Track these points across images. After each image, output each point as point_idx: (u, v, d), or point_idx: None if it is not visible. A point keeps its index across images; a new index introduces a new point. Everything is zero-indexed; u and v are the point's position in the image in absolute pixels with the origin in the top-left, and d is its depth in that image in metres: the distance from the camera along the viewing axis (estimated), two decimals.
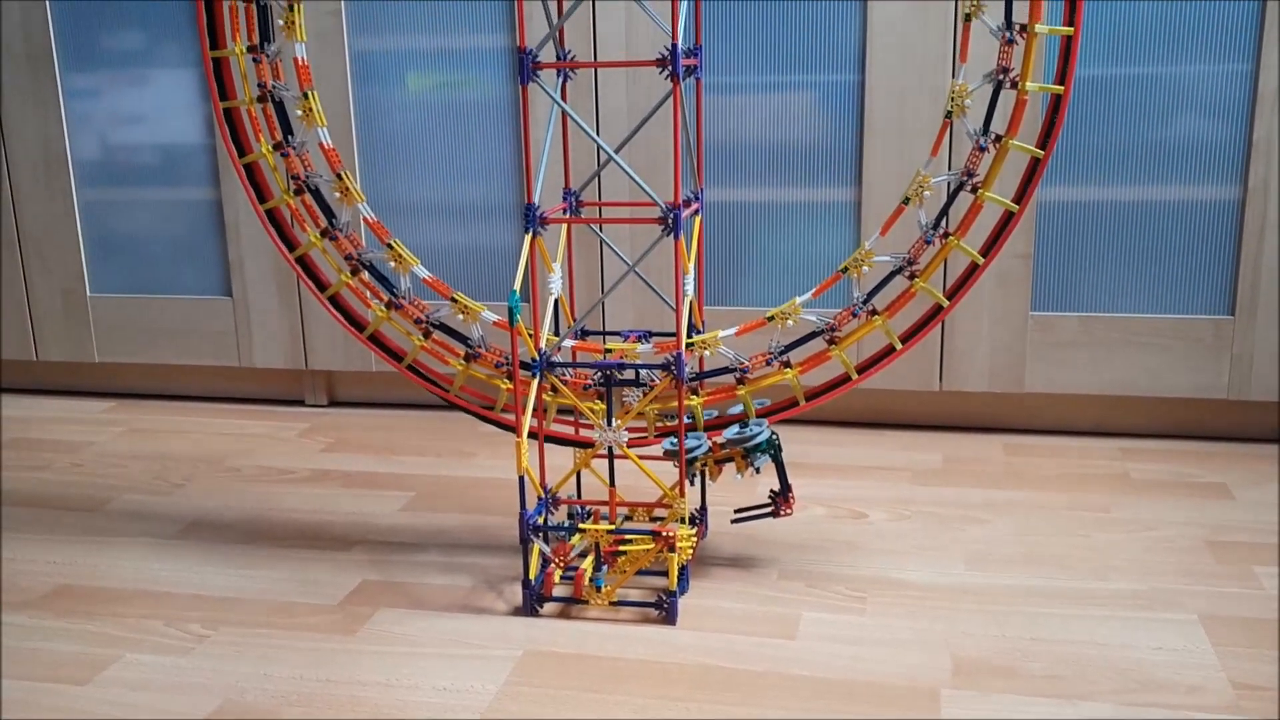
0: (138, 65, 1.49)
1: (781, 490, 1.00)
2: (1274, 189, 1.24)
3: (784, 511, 1.00)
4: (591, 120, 1.36)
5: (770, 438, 0.97)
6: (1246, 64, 1.23)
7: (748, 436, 0.97)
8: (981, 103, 0.93)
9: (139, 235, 1.54)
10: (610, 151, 0.93)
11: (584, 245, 1.39)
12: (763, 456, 0.97)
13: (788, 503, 1.00)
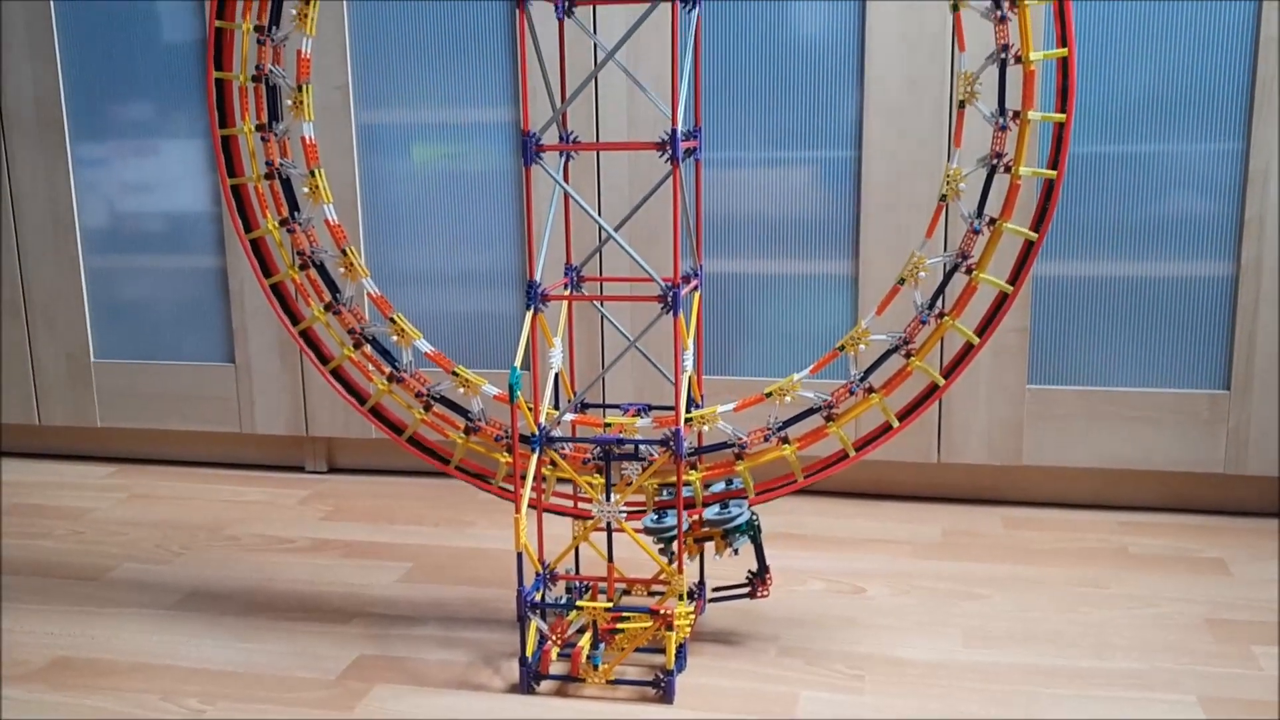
0: (147, 135, 1.51)
1: (759, 572, 1.01)
2: (1267, 266, 1.26)
3: (760, 593, 1.01)
4: (593, 195, 1.38)
5: (750, 519, 0.98)
6: (1237, 143, 1.25)
7: (727, 518, 0.98)
8: (976, 185, 0.95)
9: (144, 301, 1.56)
10: (610, 231, 0.94)
11: (584, 318, 1.40)
12: (741, 538, 0.98)
13: (764, 584, 1.01)
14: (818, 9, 1.31)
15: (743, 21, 1.33)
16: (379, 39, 1.42)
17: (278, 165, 1.04)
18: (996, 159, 0.93)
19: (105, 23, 1.49)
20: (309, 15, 1.00)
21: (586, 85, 0.97)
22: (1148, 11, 1.24)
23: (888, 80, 1.30)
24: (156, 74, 1.48)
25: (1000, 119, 0.92)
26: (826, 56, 1.32)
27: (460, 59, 1.41)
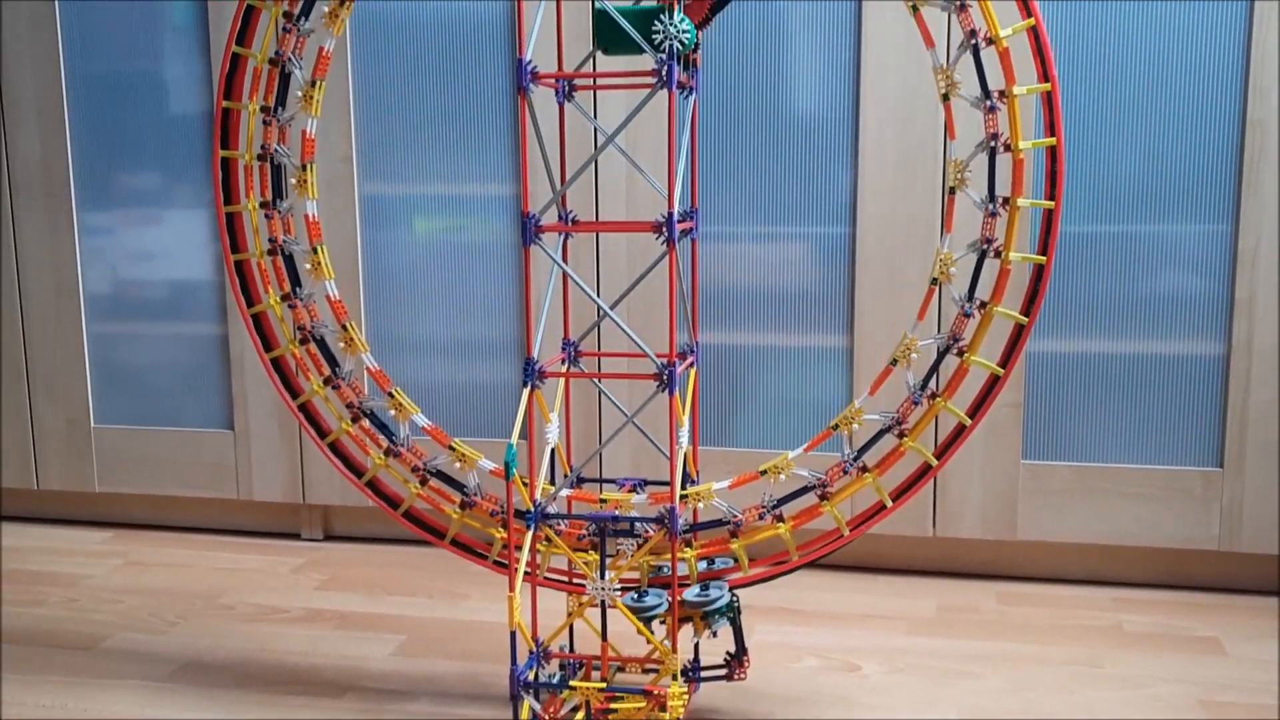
0: (152, 204, 1.53)
1: (737, 653, 1.01)
2: (1258, 345, 1.27)
3: (738, 675, 1.02)
4: (592, 269, 1.40)
5: (730, 602, 0.99)
6: (1226, 224, 1.27)
7: (708, 600, 0.98)
8: (967, 269, 0.96)
9: (145, 367, 1.57)
10: (607, 310, 0.96)
11: (582, 389, 1.41)
12: (721, 620, 0.99)
13: (742, 666, 1.02)
14: (812, 88, 1.34)
15: (739, 98, 1.36)
16: (384, 113, 1.45)
17: (281, 242, 1.06)
18: (987, 244, 0.95)
19: (114, 93, 1.51)
20: (314, 97, 1.02)
21: (587, 168, 0.99)
22: (1135, 95, 1.27)
23: (881, 158, 1.32)
24: (163, 145, 1.51)
25: (990, 205, 0.94)
26: (821, 134, 1.35)
27: (463, 134, 1.43)
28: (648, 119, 1.35)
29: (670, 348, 0.93)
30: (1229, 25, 1.24)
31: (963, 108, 0.93)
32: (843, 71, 1.33)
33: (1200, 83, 1.25)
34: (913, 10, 0.94)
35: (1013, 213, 0.93)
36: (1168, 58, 1.26)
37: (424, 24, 1.42)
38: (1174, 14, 1.25)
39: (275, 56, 1.03)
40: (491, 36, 1.41)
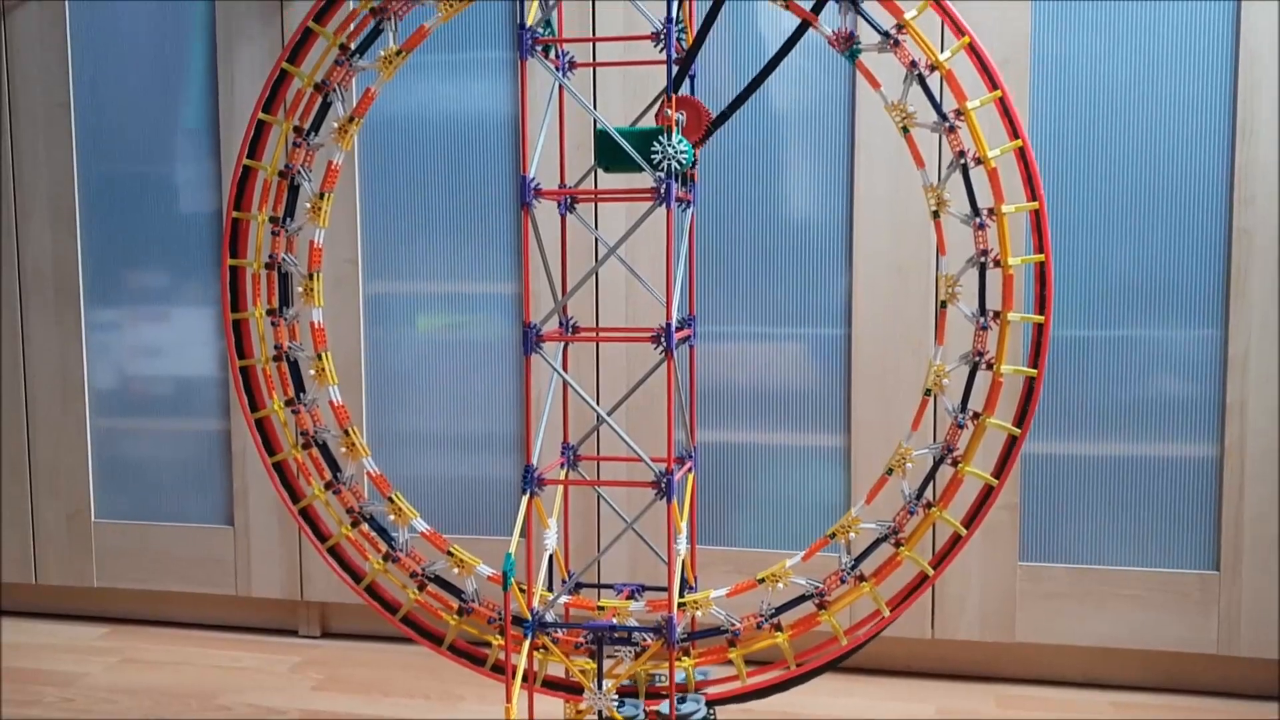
0: (159, 302, 1.56)
1: None
2: (1250, 450, 1.28)
3: None
4: (592, 371, 1.42)
5: (705, 716, 0.99)
6: (1216, 329, 1.29)
7: (684, 716, 0.98)
8: (960, 379, 0.98)
9: (147, 462, 1.58)
10: (605, 416, 0.97)
11: (581, 491, 1.42)
12: None
13: None
14: (807, 193, 1.37)
15: (736, 201, 1.39)
16: (389, 214, 1.48)
17: (286, 348, 1.08)
18: (979, 356, 0.97)
19: (126, 193, 1.55)
20: (323, 209, 1.05)
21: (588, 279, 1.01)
22: (1124, 202, 1.30)
23: (875, 262, 1.35)
24: (172, 243, 1.54)
25: (981, 319, 0.96)
26: (816, 238, 1.38)
27: (466, 234, 1.46)
28: (647, 228, 1.37)
29: (668, 455, 0.95)
30: (1214, 135, 1.27)
31: (953, 223, 0.96)
32: (837, 178, 1.36)
33: (1188, 190, 1.29)
34: (903, 131, 0.97)
35: (1003, 327, 0.95)
36: (1155, 166, 1.29)
37: (429, 127, 1.46)
38: (1160, 123, 1.28)
39: (285, 169, 1.06)
40: (496, 139, 1.44)
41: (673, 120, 0.95)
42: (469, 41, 1.44)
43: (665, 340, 0.94)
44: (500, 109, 1.44)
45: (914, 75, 0.95)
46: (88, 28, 1.54)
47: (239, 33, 1.48)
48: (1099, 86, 1.29)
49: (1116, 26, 1.28)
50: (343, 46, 1.04)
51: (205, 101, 1.51)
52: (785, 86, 1.36)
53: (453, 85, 1.46)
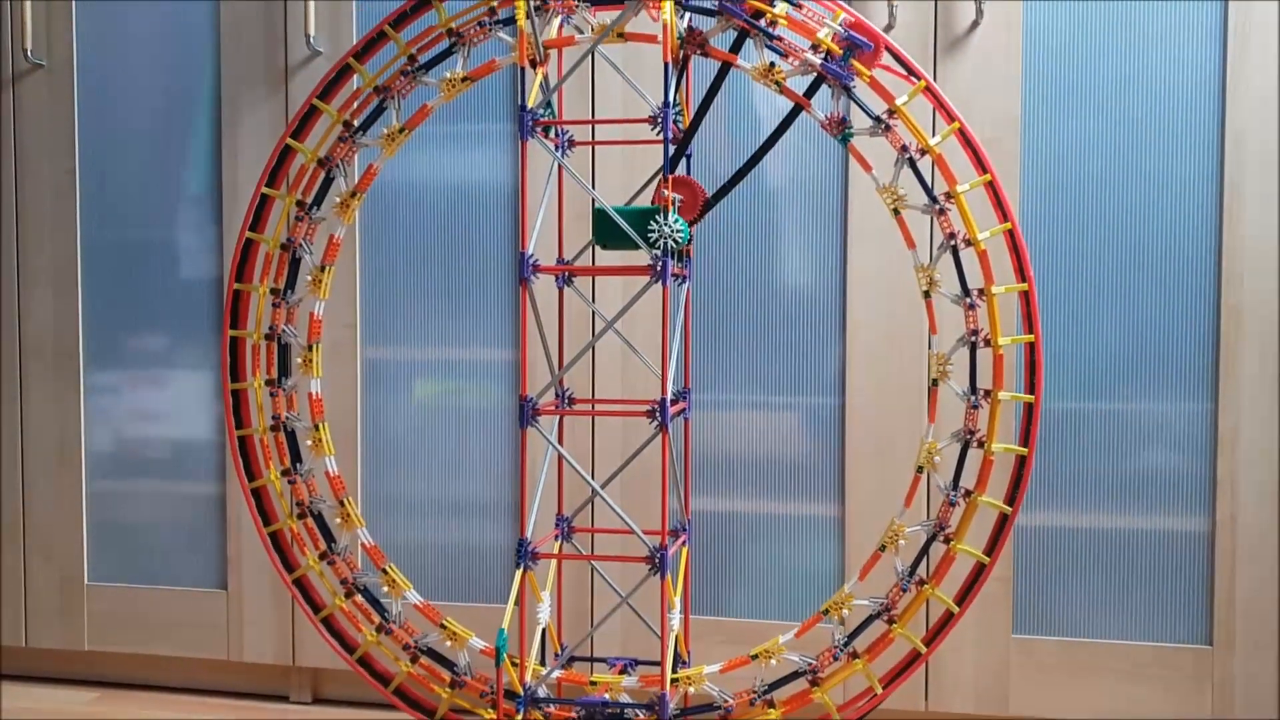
0: (158, 365, 1.57)
1: None
2: (1242, 523, 1.29)
3: None
4: (587, 441, 1.42)
5: None
6: (1206, 403, 1.30)
7: None
8: (952, 456, 0.99)
9: (142, 526, 1.58)
10: (599, 490, 0.98)
11: (575, 563, 1.42)
12: None
13: None
14: (801, 265, 1.39)
15: (732, 271, 1.40)
16: (388, 281, 1.49)
17: (284, 419, 1.09)
18: (970, 435, 0.98)
19: (127, 259, 1.56)
20: (324, 282, 1.07)
21: (585, 353, 1.02)
22: (1113, 277, 1.31)
23: (869, 332, 1.36)
24: (172, 308, 1.55)
25: (972, 398, 0.98)
26: (811, 308, 1.39)
27: (464, 301, 1.48)
28: (643, 300, 1.39)
29: (663, 529, 0.95)
30: (1201, 213, 1.29)
31: (944, 303, 0.98)
32: (830, 251, 1.38)
33: (1177, 266, 1.30)
34: (894, 213, 0.98)
35: (994, 406, 0.96)
36: (1144, 242, 1.31)
37: (430, 195, 1.48)
38: (1148, 200, 1.30)
39: (287, 242, 1.07)
40: (495, 208, 1.46)
41: (669, 200, 0.97)
42: (469, 113, 1.46)
43: (660, 415, 0.96)
44: (500, 179, 1.46)
45: (905, 159, 0.97)
46: (96, 96, 1.56)
47: (244, 102, 1.50)
48: (1089, 164, 1.31)
49: (1105, 106, 1.31)
50: (346, 123, 1.06)
51: (209, 168, 1.53)
52: (780, 162, 1.38)
53: (453, 155, 1.48)
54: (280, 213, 1.09)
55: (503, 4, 1.02)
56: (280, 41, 1.48)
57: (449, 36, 1.03)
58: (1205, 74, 1.28)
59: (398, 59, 1.04)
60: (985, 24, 1.29)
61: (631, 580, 1.38)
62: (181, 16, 1.51)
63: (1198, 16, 1.28)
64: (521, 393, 0.98)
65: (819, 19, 0.96)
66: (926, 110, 1.21)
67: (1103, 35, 1.29)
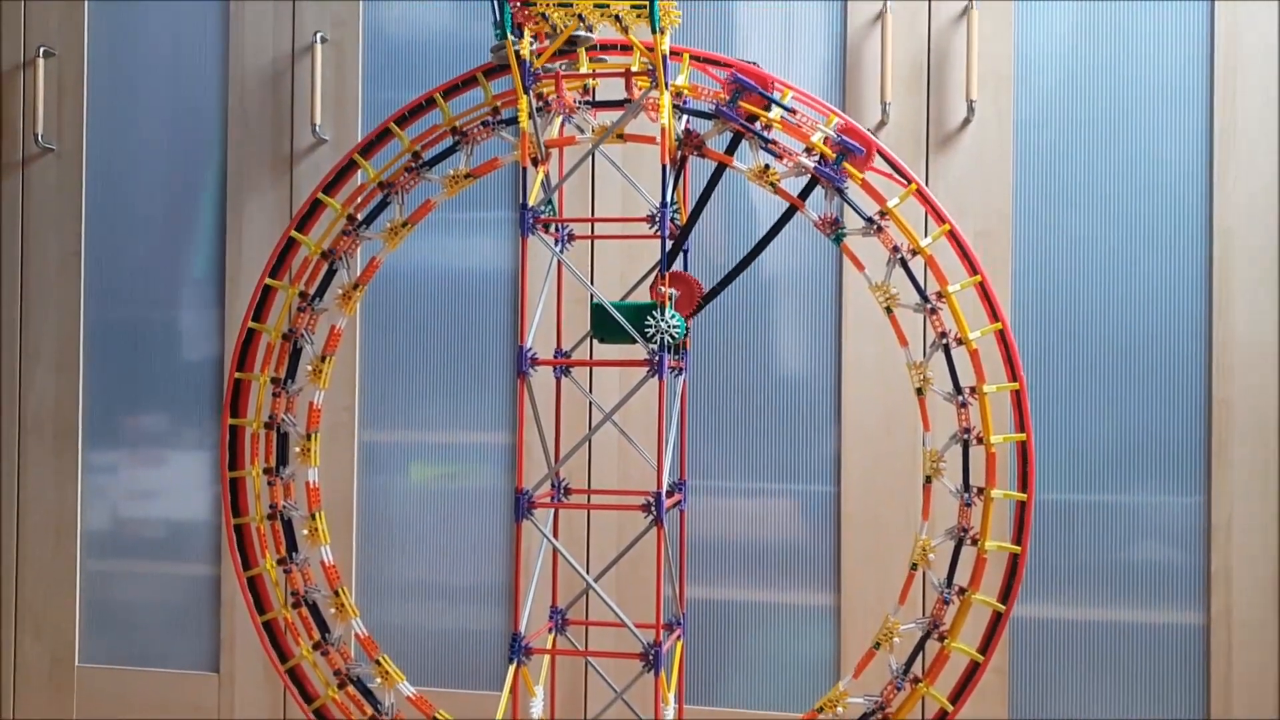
0: (157, 445, 1.57)
1: None
2: (1237, 618, 1.29)
3: None
4: (583, 529, 1.42)
5: None
6: (1198, 496, 1.31)
7: None
8: (946, 554, 0.99)
9: (135, 606, 1.57)
10: (592, 584, 0.98)
11: (569, 657, 1.42)
12: None
13: None
14: (796, 352, 1.40)
15: (728, 358, 1.42)
16: (387, 364, 1.51)
17: (281, 507, 1.09)
18: (963, 531, 0.98)
19: (130, 339, 1.58)
20: (324, 372, 1.08)
21: (581, 445, 1.03)
22: (1105, 370, 1.33)
23: (863, 420, 1.37)
24: (172, 388, 1.56)
25: (965, 495, 0.98)
26: (805, 396, 1.40)
27: (462, 385, 1.49)
28: (640, 390, 1.40)
29: (657, 623, 0.95)
30: (1191, 309, 1.31)
31: (937, 400, 0.99)
32: (825, 340, 1.39)
33: (1167, 361, 1.32)
34: (887, 311, 1.00)
35: (987, 504, 0.97)
36: (1135, 336, 1.32)
37: (430, 280, 1.50)
38: (1139, 295, 1.32)
39: (289, 332, 1.09)
40: (495, 293, 1.48)
41: (666, 296, 0.99)
42: (471, 200, 1.49)
43: (655, 509, 0.96)
44: (500, 265, 1.48)
45: (896, 259, 0.99)
46: (103, 179, 1.59)
47: (249, 187, 1.53)
48: (1080, 257, 1.33)
49: (1096, 201, 1.33)
50: (350, 217, 1.08)
51: (213, 252, 1.55)
52: (776, 252, 1.40)
53: (454, 240, 1.50)
54: (283, 303, 1.10)
55: (506, 104, 1.04)
56: (286, 129, 1.51)
57: (453, 135, 1.05)
58: (1193, 171, 1.30)
59: (402, 155, 1.07)
60: (977, 121, 1.32)
61: (627, 672, 1.37)
62: (191, 103, 1.55)
63: (1185, 116, 1.31)
64: (517, 485, 0.99)
65: (812, 123, 0.99)
66: (919, 209, 1.23)
67: (1092, 133, 1.32)
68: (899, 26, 1.33)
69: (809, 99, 1.02)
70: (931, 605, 1.00)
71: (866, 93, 1.34)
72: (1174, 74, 1.31)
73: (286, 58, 1.50)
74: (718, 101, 1.00)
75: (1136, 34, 1.32)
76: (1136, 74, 1.32)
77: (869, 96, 1.33)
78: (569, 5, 0.94)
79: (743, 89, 0.98)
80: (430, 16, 1.49)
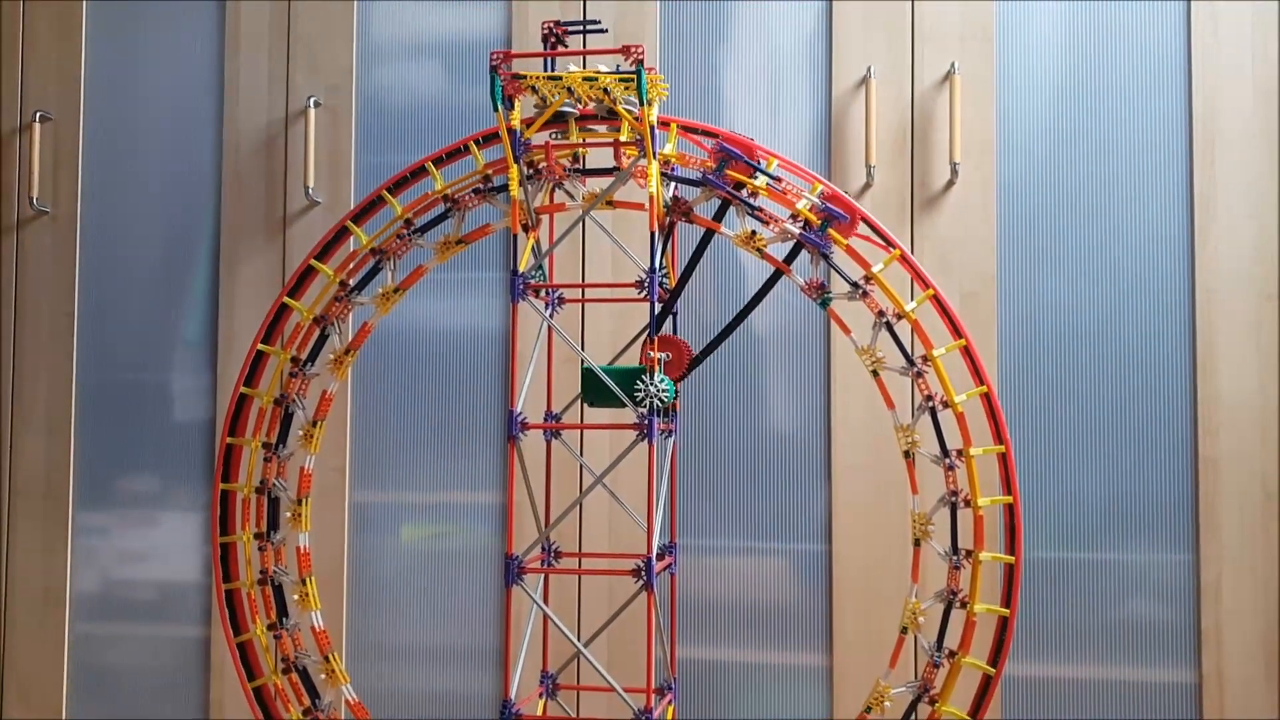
0: (148, 507, 1.57)
1: None
2: (1229, 676, 1.28)
3: None
4: (574, 593, 1.42)
5: None
6: (1187, 554, 1.31)
7: None
8: (936, 616, 1.00)
9: (124, 669, 1.56)
10: (582, 649, 0.98)
11: None
12: None
13: None
14: (787, 411, 1.41)
15: (719, 417, 1.42)
16: (379, 424, 1.51)
17: (271, 573, 1.09)
18: (953, 595, 0.99)
19: (121, 402, 1.58)
20: (315, 436, 1.08)
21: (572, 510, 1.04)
22: (1092, 432, 1.34)
23: (855, 480, 1.37)
24: (164, 450, 1.56)
25: (954, 557, 0.99)
26: (796, 454, 1.41)
27: (453, 446, 1.49)
28: (631, 453, 1.41)
29: (648, 688, 0.95)
30: (1176, 368, 1.32)
31: (924, 463, 0.99)
32: (815, 398, 1.40)
33: (1154, 421, 1.33)
34: (873, 374, 1.01)
35: (975, 567, 0.97)
36: (1122, 396, 1.33)
37: (422, 340, 1.51)
38: (1125, 356, 1.33)
39: (280, 398, 1.09)
40: (486, 353, 1.49)
41: (655, 360, 1.00)
42: (463, 261, 1.49)
43: (645, 575, 0.96)
44: (492, 325, 1.49)
45: (882, 323, 1.00)
46: (97, 242, 1.60)
47: (242, 249, 1.54)
48: (1065, 318, 1.35)
49: (1080, 262, 1.35)
50: (342, 283, 1.09)
51: (206, 315, 1.56)
52: (765, 311, 1.42)
53: (446, 301, 1.51)
54: (275, 368, 1.11)
55: (497, 172, 1.06)
56: (280, 192, 1.52)
57: (444, 202, 1.07)
58: (1175, 235, 1.32)
59: (394, 222, 1.08)
60: (960, 183, 1.34)
61: None
62: (185, 166, 1.56)
63: (1166, 181, 1.33)
64: (508, 550, 0.99)
65: (797, 190, 1.01)
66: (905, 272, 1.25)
67: (1075, 196, 1.34)
68: (883, 91, 1.35)
69: (793, 167, 1.03)
70: (923, 666, 1.00)
71: (852, 156, 1.36)
72: (1154, 139, 1.34)
73: (280, 122, 1.52)
74: (705, 170, 1.02)
75: (1117, 100, 1.34)
76: (1118, 139, 1.34)
77: (854, 160, 1.36)
78: (558, 79, 0.96)
79: (729, 157, 1.00)
80: (423, 82, 1.51)
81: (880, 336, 1.01)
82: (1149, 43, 1.35)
